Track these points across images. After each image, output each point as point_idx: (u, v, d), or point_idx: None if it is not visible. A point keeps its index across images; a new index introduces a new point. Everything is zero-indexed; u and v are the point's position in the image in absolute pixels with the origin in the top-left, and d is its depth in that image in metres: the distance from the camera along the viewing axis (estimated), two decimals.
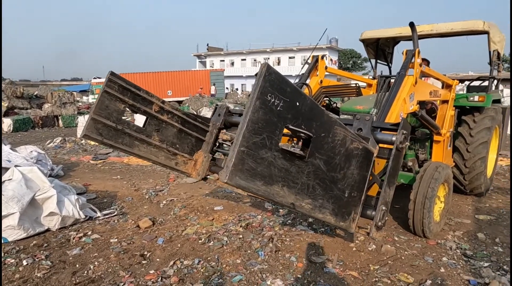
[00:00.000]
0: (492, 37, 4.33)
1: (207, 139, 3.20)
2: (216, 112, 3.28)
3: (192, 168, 3.14)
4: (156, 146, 2.83)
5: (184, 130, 3.03)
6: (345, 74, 4.87)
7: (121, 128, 2.57)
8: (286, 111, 1.73)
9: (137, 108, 2.70)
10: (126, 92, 2.62)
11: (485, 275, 2.90)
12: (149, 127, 2.80)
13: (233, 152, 1.60)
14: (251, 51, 45.82)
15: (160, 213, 4.40)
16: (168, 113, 2.91)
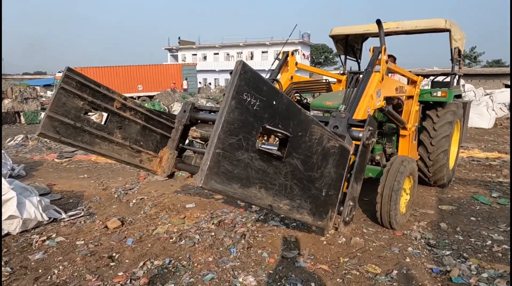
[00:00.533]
0: (453, 35, 4.52)
1: (172, 136, 3.14)
2: (182, 108, 3.22)
3: (158, 166, 3.07)
4: (119, 143, 2.75)
5: (148, 127, 2.96)
6: (315, 70, 4.92)
7: (80, 125, 2.47)
8: (263, 111, 1.67)
9: (97, 105, 2.60)
10: (85, 88, 2.50)
11: (447, 263, 3.04)
12: (110, 124, 2.70)
13: (208, 155, 1.53)
14: (224, 45, 45.41)
15: (129, 213, 4.28)
16: (131, 109, 2.82)
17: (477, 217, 4.14)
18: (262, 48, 43.38)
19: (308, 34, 42.21)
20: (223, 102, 1.56)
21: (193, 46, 47.92)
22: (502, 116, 15.64)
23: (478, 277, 2.83)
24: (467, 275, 2.85)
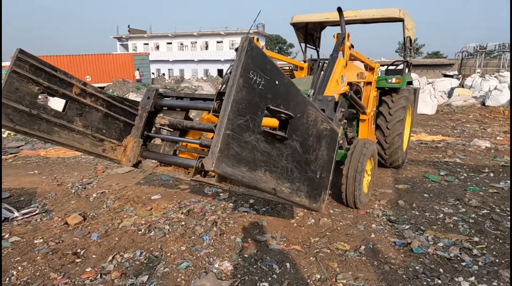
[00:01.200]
0: (406, 25, 4.79)
1: (136, 124, 3.01)
2: (145, 95, 3.10)
3: (122, 154, 2.94)
4: (80, 132, 2.59)
5: (111, 114, 2.82)
6: (280, 57, 4.96)
7: (36, 113, 2.29)
8: (267, 91, 1.63)
9: (54, 90, 2.42)
10: (40, 72, 2.32)
11: (407, 236, 3.28)
12: (70, 112, 2.54)
13: (218, 136, 1.47)
14: (177, 34, 44.02)
15: (90, 207, 4.06)
16: (91, 96, 2.66)
17: (429, 193, 4.49)
18: (217, 38, 42.73)
19: (263, 24, 42.32)
20: (230, 81, 1.49)
21: (144, 35, 45.90)
22: (442, 103, 17.01)
23: (435, 246, 3.09)
24: (426, 246, 3.10)
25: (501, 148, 7.03)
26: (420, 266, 2.77)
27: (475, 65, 33.56)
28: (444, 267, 2.77)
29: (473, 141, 7.52)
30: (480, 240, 3.18)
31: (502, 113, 13.35)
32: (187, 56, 42.75)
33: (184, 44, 43.86)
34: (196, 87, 11.00)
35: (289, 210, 3.89)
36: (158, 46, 45.10)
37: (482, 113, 13.83)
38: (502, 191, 4.57)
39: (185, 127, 2.92)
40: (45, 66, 2.30)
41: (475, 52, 35.79)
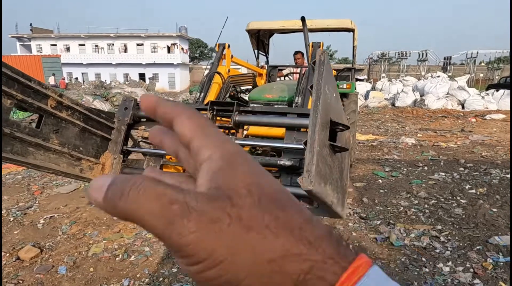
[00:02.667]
0: (355, 35, 5.19)
1: (114, 138, 2.70)
2: (121, 106, 2.79)
3: (100, 174, 2.61)
4: (56, 151, 2.22)
5: (88, 129, 2.47)
6: (244, 64, 4.92)
7: (9, 131, 1.90)
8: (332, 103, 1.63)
9: (29, 104, 2.04)
10: (13, 83, 1.94)
11: (383, 231, 3.55)
12: (45, 128, 2.16)
13: (312, 153, 1.43)
14: (91, 35, 40.56)
15: (42, 236, 3.50)
16: (68, 108, 2.31)
17: (384, 189, 4.93)
18: (137, 40, 40.53)
19: (186, 27, 41.50)
20: (314, 95, 1.45)
21: (51, 35, 41.20)
22: (361, 105, 18.79)
23: (409, 238, 3.40)
24: (401, 238, 3.40)
25: (424, 144, 8.06)
26: (405, 258, 3.02)
27: (380, 70, 37.93)
28: (424, 256, 3.06)
29: (401, 139, 8.48)
30: (442, 228, 3.60)
31: (411, 113, 15.29)
32: (103, 59, 39.63)
33: (99, 46, 40.56)
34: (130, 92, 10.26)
35: None
36: (68, 48, 40.90)
37: (395, 113, 15.65)
38: (438, 182, 5.24)
39: None
40: (18, 75, 1.92)
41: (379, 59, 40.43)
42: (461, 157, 6.58)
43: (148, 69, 39.78)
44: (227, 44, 3.89)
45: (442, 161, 6.36)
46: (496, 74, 36.71)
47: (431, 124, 11.83)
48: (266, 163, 2.48)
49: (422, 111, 15.66)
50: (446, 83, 19.00)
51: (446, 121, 12.51)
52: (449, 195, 4.63)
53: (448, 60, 39.35)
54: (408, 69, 39.56)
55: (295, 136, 2.47)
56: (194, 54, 58.41)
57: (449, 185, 5.09)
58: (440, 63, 40.17)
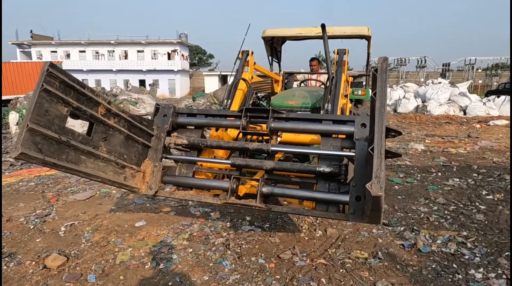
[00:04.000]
0: (370, 42, 5.23)
1: (153, 145, 2.70)
2: (160, 113, 2.80)
3: (141, 182, 2.60)
4: (104, 159, 2.22)
5: (132, 136, 2.48)
6: (265, 70, 4.94)
7: (66, 139, 1.90)
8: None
9: (83, 111, 2.04)
10: (69, 90, 1.95)
11: (408, 237, 3.54)
12: (95, 136, 2.16)
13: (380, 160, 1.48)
14: (92, 42, 40.64)
15: (66, 244, 3.47)
16: (115, 116, 2.31)
17: (401, 195, 4.92)
18: (137, 47, 40.64)
19: (186, 34, 41.69)
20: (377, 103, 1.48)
21: (51, 41, 41.25)
22: None
23: (436, 244, 3.39)
24: (428, 244, 3.38)
25: (433, 150, 8.08)
26: (436, 264, 3.01)
27: None
28: (454, 262, 3.05)
29: (410, 145, 8.50)
30: (468, 234, 3.59)
31: (414, 119, 15.35)
32: (104, 65, 39.66)
33: (100, 53, 40.63)
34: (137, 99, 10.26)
35: (292, 223, 3.88)
36: (68, 55, 40.93)
37: (398, 119, 15.71)
38: (454, 188, 5.24)
39: (209, 146, 2.71)
40: (74, 82, 1.92)
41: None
42: (473, 163, 6.60)
43: (149, 76, 39.84)
44: (250, 51, 3.90)
45: (455, 167, 6.38)
46: (494, 80, 37.05)
47: (436, 130, 11.87)
48: (305, 170, 2.47)
49: (425, 117, 15.73)
50: (448, 89, 19.13)
51: (451, 127, 12.56)
52: (467, 201, 4.63)
53: (446, 67, 39.69)
54: (407, 75, 39.84)
55: (332, 142, 2.47)
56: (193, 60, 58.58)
57: (465, 191, 5.09)
58: (438, 70, 40.49)
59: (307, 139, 3.19)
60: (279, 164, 2.52)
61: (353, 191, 2.18)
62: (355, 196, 2.18)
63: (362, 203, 2.14)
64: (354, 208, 2.19)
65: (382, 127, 1.48)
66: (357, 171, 2.20)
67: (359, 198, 2.16)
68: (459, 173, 6.04)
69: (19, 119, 8.14)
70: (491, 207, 4.39)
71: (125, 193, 5.05)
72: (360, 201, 2.15)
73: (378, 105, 1.52)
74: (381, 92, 1.52)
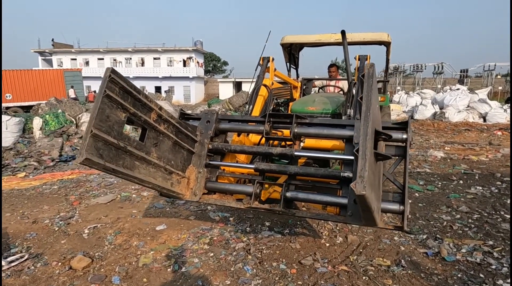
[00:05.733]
0: (390, 48, 5.20)
1: (197, 151, 2.68)
2: (203, 119, 2.81)
3: (186, 188, 2.59)
4: (155, 164, 2.22)
5: (178, 142, 2.48)
6: (284, 77, 4.99)
7: (123, 145, 1.92)
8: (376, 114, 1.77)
9: (138, 117, 2.07)
10: (127, 96, 1.98)
11: (431, 246, 3.47)
12: (148, 142, 2.18)
13: (364, 160, 1.52)
14: (110, 49, 41.65)
15: (90, 246, 3.54)
16: (165, 122, 2.34)
17: (422, 203, 4.83)
18: (154, 54, 41.41)
19: (201, 41, 42.31)
20: (363, 107, 1.49)
21: (71, 49, 42.49)
22: None
23: (460, 253, 3.32)
24: (452, 253, 3.31)
25: (454, 157, 7.91)
26: (461, 274, 2.94)
27: (395, 83, 37.70)
28: (481, 272, 2.97)
29: (429, 152, 8.35)
30: (494, 244, 3.50)
31: (432, 126, 15.09)
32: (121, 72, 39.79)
33: (117, 60, 41.58)
34: None
35: (312, 229, 3.86)
36: (88, 62, 42.03)
37: (415, 126, 15.45)
38: (477, 196, 5.12)
39: (234, 150, 2.74)
40: (131, 88, 1.97)
41: (394, 72, 40.22)
42: (496, 171, 6.43)
43: (164, 82, 40.48)
44: (271, 58, 3.94)
45: (477, 175, 6.22)
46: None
47: (455, 137, 11.63)
48: (329, 175, 2.48)
49: (443, 124, 15.44)
50: (466, 95, 18.74)
51: (470, 134, 12.28)
52: (492, 210, 4.51)
53: (464, 73, 38.92)
54: (424, 82, 39.23)
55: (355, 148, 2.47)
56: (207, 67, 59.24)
57: (489, 199, 4.97)
58: (456, 76, 39.74)
59: (329, 145, 3.19)
60: (303, 169, 2.52)
61: (352, 193, 2.19)
62: (353, 199, 2.19)
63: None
64: (353, 210, 2.22)
65: (368, 130, 1.52)
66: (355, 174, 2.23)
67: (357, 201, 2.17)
68: (482, 181, 5.89)
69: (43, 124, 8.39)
70: None
71: (146, 197, 5.13)
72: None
73: (364, 108, 1.57)
74: (367, 97, 1.58)
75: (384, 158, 1.83)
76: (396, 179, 2.44)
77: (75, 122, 8.68)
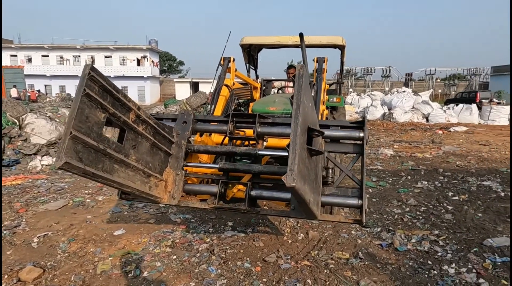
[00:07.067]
0: (344, 52, 5.45)
1: (174, 153, 2.56)
2: (180, 120, 2.72)
3: (163, 191, 2.47)
4: (134, 167, 2.09)
5: (156, 144, 2.36)
6: (245, 77, 4.99)
7: (103, 147, 1.78)
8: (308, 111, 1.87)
9: (117, 117, 1.95)
10: (106, 95, 1.85)
11: (385, 238, 3.70)
12: (126, 144, 2.04)
13: (294, 154, 1.56)
14: (56, 46, 38.98)
15: (41, 256, 3.31)
16: (143, 122, 2.22)
17: (375, 198, 5.13)
18: (105, 52, 39.48)
19: (156, 40, 41.10)
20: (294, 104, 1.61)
21: (11, 45, 39.13)
22: None
23: (411, 242, 3.57)
24: (404, 243, 3.56)
25: (402, 155, 8.48)
26: (412, 262, 3.17)
27: (348, 85, 39.50)
28: (429, 259, 3.23)
29: (380, 150, 8.86)
30: (439, 233, 3.81)
31: (382, 125, 16.02)
32: (69, 71, 38.08)
33: (64, 58, 39.03)
34: None
35: (274, 227, 3.93)
36: (30, 59, 38.98)
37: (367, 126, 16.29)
38: (423, 190, 5.54)
39: (197, 150, 2.71)
40: (111, 87, 1.84)
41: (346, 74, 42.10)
42: (439, 167, 7.01)
43: (117, 82, 38.59)
44: (232, 58, 3.95)
45: (422, 171, 6.73)
46: (452, 89, 39.48)
47: (402, 136, 12.46)
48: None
49: (391, 124, 16.46)
50: (411, 97, 20.16)
51: (416, 133, 13.23)
52: (436, 202, 4.91)
53: (409, 76, 41.82)
54: (373, 84, 41.52)
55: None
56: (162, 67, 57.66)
57: (433, 192, 5.39)
58: (402, 79, 42.57)
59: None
60: (267, 168, 2.57)
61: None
62: None
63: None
64: (295, 204, 2.30)
65: (298, 126, 1.62)
66: None
67: None
68: (427, 176, 6.38)
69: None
70: (458, 207, 4.69)
71: (101, 201, 4.90)
72: None
73: (294, 106, 1.67)
74: (297, 95, 1.69)
75: (317, 153, 1.93)
76: (354, 176, 2.55)
77: (18, 124, 8.01)
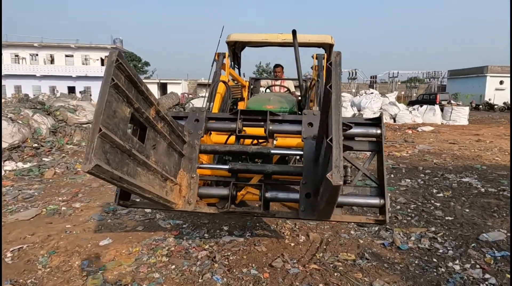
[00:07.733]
0: (332, 51, 5.43)
1: (187, 154, 2.30)
2: (191, 117, 2.46)
3: (178, 196, 2.19)
4: (154, 170, 1.81)
5: (172, 144, 2.09)
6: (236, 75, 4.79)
7: (129, 148, 1.50)
8: None
9: (141, 113, 1.66)
10: (131, 87, 1.57)
11: (385, 236, 3.68)
12: (147, 143, 1.77)
13: (339, 150, 1.40)
14: (10, 43, 36.32)
15: (18, 273, 2.93)
16: (162, 119, 1.93)
17: None
18: (66, 51, 37.40)
19: (121, 40, 39.59)
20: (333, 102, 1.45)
21: None
22: None
23: (411, 240, 3.57)
24: (404, 242, 3.54)
25: None
26: (418, 260, 3.15)
27: None
28: (433, 257, 3.23)
29: None
30: (436, 229, 3.85)
31: None
32: (25, 70, 35.67)
33: (20, 56, 36.50)
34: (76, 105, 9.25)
35: (272, 230, 3.78)
36: None
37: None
38: (408, 188, 5.64)
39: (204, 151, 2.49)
40: (136, 77, 1.56)
41: None
42: (418, 165, 7.20)
43: (79, 82, 36.84)
44: (226, 53, 3.76)
45: (403, 169, 6.88)
46: (413, 91, 41.50)
47: None
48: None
49: None
50: (379, 99, 20.88)
51: (387, 133, 13.64)
52: (423, 199, 5.00)
53: (374, 79, 43.45)
54: None
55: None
56: None
57: (418, 190, 5.50)
58: (367, 81, 44.12)
59: (294, 143, 3.15)
60: (281, 168, 2.42)
61: (303, 188, 2.19)
62: (305, 194, 2.19)
63: (312, 200, 2.16)
64: (305, 205, 2.19)
65: (339, 118, 1.48)
66: (307, 169, 2.22)
67: (309, 195, 2.17)
68: (408, 174, 6.53)
69: None
70: (445, 203, 4.79)
71: (78, 209, 4.50)
72: (310, 198, 2.16)
73: (334, 97, 1.52)
74: (336, 85, 1.52)
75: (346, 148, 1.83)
76: (371, 174, 2.47)
77: None
